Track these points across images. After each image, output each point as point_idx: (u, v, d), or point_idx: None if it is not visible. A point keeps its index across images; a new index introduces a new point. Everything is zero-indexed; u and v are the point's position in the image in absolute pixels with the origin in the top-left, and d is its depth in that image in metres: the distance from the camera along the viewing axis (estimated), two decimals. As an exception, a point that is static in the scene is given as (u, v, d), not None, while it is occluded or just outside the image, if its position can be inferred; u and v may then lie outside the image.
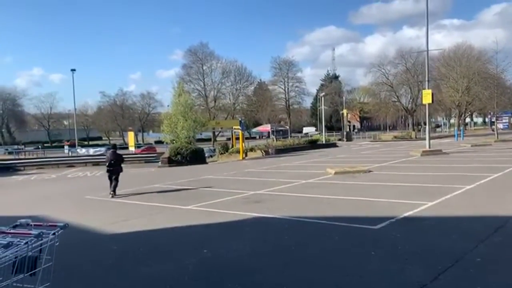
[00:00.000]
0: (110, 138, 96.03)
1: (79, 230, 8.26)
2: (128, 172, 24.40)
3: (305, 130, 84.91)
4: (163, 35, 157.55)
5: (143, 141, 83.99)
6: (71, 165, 31.96)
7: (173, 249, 6.66)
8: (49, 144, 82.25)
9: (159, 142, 58.47)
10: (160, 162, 28.38)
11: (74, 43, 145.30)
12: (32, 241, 3.13)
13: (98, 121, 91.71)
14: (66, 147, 57.69)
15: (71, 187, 18.08)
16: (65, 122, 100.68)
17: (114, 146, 14.75)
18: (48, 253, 3.25)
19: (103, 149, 52.16)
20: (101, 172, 25.34)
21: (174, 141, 30.15)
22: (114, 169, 13.23)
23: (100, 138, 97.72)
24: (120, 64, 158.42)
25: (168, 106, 45.70)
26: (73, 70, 52.41)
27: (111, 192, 12.95)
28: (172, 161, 27.25)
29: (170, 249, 6.71)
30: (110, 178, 13.19)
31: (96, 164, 32.22)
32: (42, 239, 3.20)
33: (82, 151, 51.51)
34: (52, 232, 3.29)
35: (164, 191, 13.83)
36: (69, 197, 14.41)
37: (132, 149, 47.02)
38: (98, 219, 9.54)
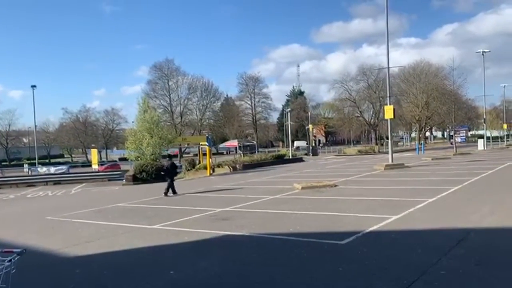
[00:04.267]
0: (73, 155, 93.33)
1: (38, 253, 7.92)
2: (90, 191, 23.74)
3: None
4: (128, 52, 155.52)
5: (107, 159, 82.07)
6: (31, 185, 30.67)
7: (139, 271, 6.47)
8: (7, 163, 78.89)
9: (123, 159, 57.24)
10: (124, 180, 27.72)
11: (35, 59, 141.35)
12: (-14, 270, 2.97)
13: (60, 138, 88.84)
14: (25, 165, 55.50)
15: (31, 208, 17.35)
16: (25, 140, 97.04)
17: (170, 156, 19.77)
18: (4, 281, 3.09)
19: (65, 167, 50.61)
20: (63, 191, 24.53)
21: (139, 158, 29.59)
22: (167, 174, 17.03)
23: (62, 156, 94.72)
24: (84, 80, 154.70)
25: (133, 122, 44.93)
26: (33, 86, 50.97)
27: (166, 193, 16.43)
28: (137, 179, 26.66)
29: (135, 271, 6.51)
30: (166, 180, 16.92)
31: (58, 183, 31.14)
32: (-3, 267, 3.04)
33: (43, 169, 49.69)
34: (8, 259, 3.13)
35: (128, 210, 13.49)
36: (28, 218, 13.82)
37: (95, 166, 45.73)
38: (59, 241, 9.17)
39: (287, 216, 10.35)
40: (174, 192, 16.73)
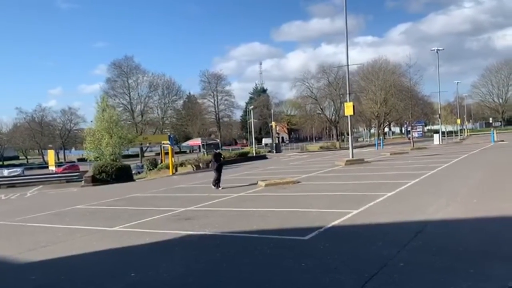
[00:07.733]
0: (28, 157, 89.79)
1: (-10, 260, 7.54)
2: (47, 194, 22.90)
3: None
4: (86, 49, 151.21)
5: (65, 159, 79.51)
6: (-18, 188, 29.25)
7: (98, 275, 6.28)
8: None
9: (82, 159, 55.63)
10: (83, 182, 26.93)
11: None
12: None
13: (14, 139, 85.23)
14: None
15: (-18, 213, 16.51)
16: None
17: (217, 147, 18.86)
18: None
19: (19, 169, 48.54)
20: (18, 195, 23.53)
21: (99, 159, 28.82)
22: (213, 165, 17.04)
23: (17, 158, 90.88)
24: (39, 78, 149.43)
25: (91, 122, 43.64)
26: (-17, 85, 48.46)
27: (213, 185, 16.17)
28: (96, 180, 25.97)
29: (94, 275, 6.31)
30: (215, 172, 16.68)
31: (12, 185, 29.87)
32: None
33: (-4, 172, 47.43)
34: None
35: (87, 213, 13.08)
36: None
37: (52, 168, 44.17)
38: (13, 246, 8.78)
39: (250, 214, 10.35)
40: (218, 185, 16.20)
